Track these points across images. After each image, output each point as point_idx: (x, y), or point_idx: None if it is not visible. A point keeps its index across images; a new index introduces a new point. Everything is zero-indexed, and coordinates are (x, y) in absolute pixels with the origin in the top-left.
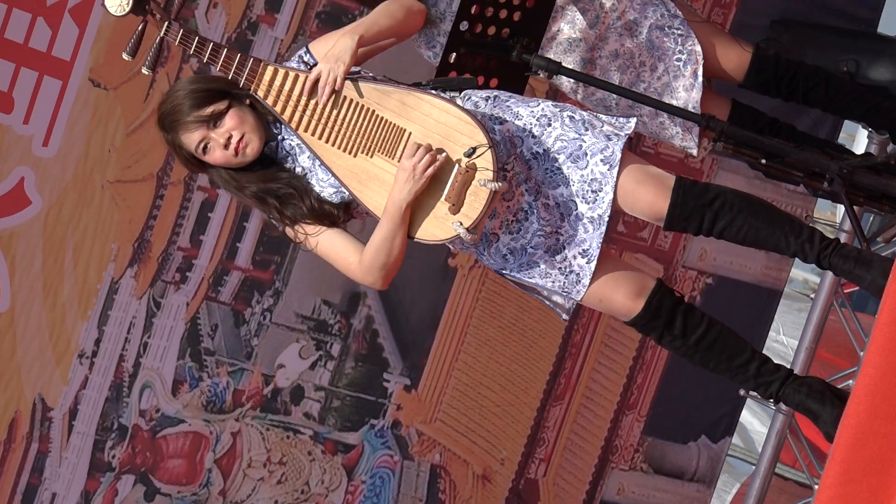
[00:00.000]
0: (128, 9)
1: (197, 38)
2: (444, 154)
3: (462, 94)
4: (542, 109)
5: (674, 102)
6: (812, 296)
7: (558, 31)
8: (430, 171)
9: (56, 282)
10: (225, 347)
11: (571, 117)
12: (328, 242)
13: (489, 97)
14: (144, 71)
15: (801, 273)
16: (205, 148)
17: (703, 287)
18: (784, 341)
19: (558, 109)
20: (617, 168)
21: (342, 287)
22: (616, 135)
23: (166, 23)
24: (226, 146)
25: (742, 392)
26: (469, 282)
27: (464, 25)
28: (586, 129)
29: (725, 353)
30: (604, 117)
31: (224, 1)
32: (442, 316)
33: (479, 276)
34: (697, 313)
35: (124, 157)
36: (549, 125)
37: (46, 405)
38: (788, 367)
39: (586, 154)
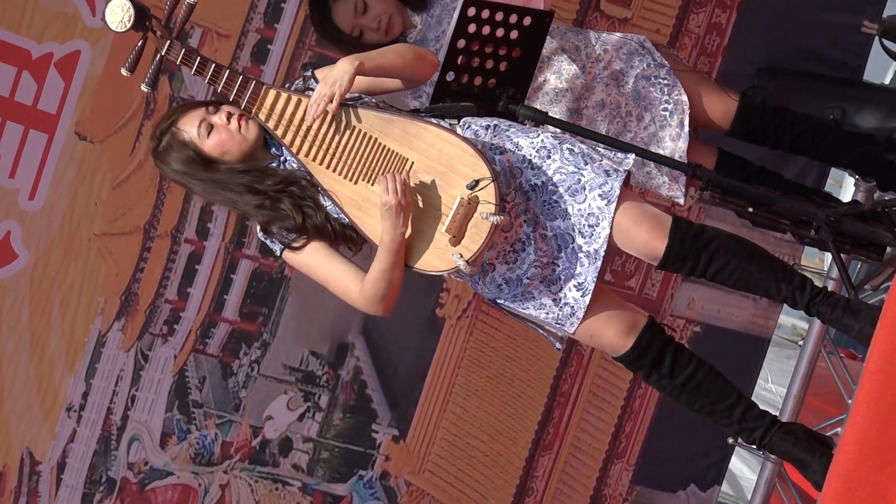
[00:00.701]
0: (129, 25)
1: (199, 57)
2: (409, 168)
3: (461, 121)
4: (542, 141)
5: (660, 152)
6: (800, 342)
7: (545, 81)
8: (408, 195)
9: (43, 335)
10: (213, 399)
11: (571, 150)
12: (330, 269)
13: (489, 126)
14: (143, 88)
15: (790, 319)
16: (209, 129)
17: (690, 335)
18: (773, 389)
19: (558, 142)
20: (615, 204)
21: (330, 338)
22: (615, 170)
23: (168, 41)
24: (228, 121)
25: (731, 440)
26: (456, 332)
27: (450, 76)
28: (585, 164)
29: (711, 396)
30: (602, 150)
31: (210, 53)
32: (430, 366)
33: (467, 326)
34: (686, 354)
35: (111, 210)
36: (549, 157)
37: (35, 459)
38: (776, 414)
39: (584, 188)
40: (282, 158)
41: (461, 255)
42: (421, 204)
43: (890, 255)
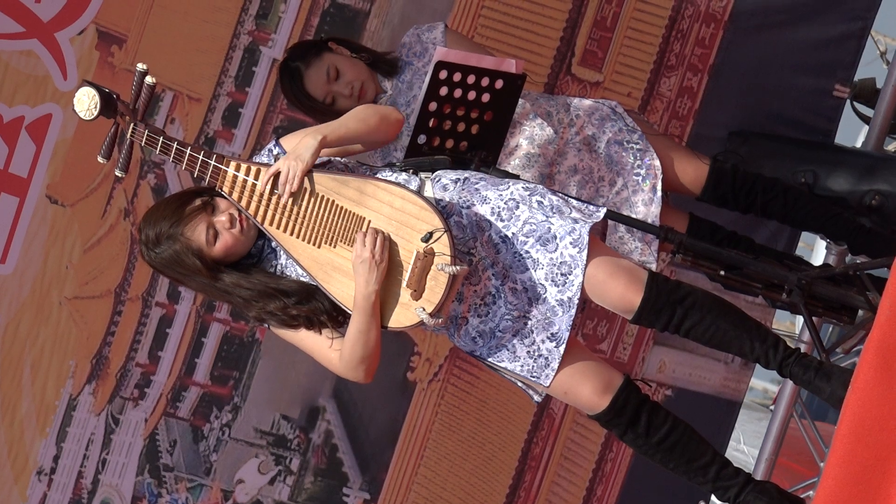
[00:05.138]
0: (96, 112)
1: (162, 138)
2: (387, 234)
3: (434, 174)
4: (512, 193)
5: (633, 217)
6: (771, 406)
7: (517, 146)
8: (385, 252)
9: (14, 399)
10: (184, 463)
11: (540, 202)
12: (313, 337)
13: (458, 179)
14: (118, 173)
15: (761, 383)
16: (215, 236)
17: (662, 399)
18: (745, 450)
19: (528, 193)
20: (586, 251)
21: (301, 402)
22: (584, 221)
23: (132, 125)
24: (231, 225)
25: (702, 503)
26: (428, 396)
27: (421, 139)
28: (553, 213)
29: (686, 455)
30: (574, 203)
31: (181, 116)
32: (401, 430)
33: (438, 390)
34: (662, 413)
35: (82, 274)
36: (517, 208)
37: None
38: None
39: (556, 237)
40: (268, 237)
41: (424, 309)
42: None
43: (862, 318)
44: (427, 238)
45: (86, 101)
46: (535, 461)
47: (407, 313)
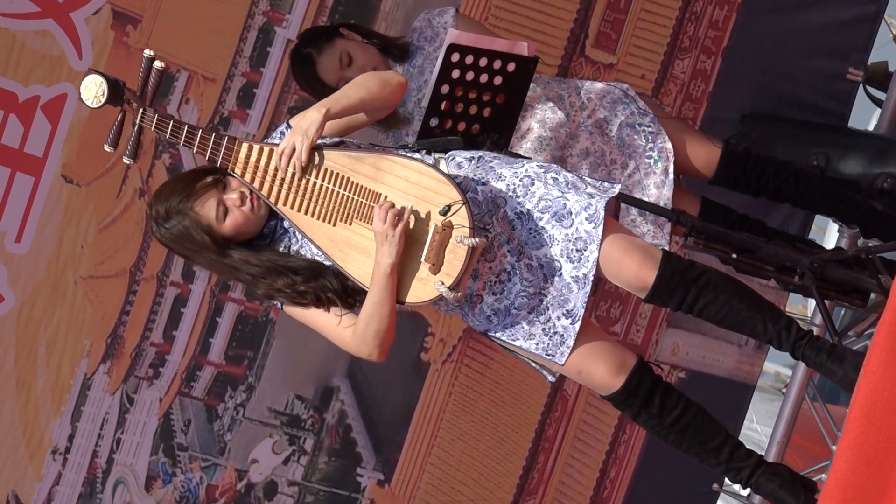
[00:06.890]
0: (103, 100)
1: (172, 122)
2: (409, 206)
3: (447, 154)
4: (527, 171)
5: (645, 200)
6: (783, 389)
7: (529, 129)
8: (401, 226)
9: (29, 378)
10: (198, 443)
11: (555, 178)
12: (325, 315)
13: (473, 158)
14: (126, 160)
15: (773, 366)
16: (225, 212)
17: (675, 381)
18: (758, 429)
19: (542, 171)
20: (601, 226)
21: (315, 382)
22: (599, 195)
23: (141, 110)
24: (241, 202)
25: (715, 486)
26: (442, 376)
27: (434, 122)
28: (569, 189)
29: (699, 437)
30: (589, 180)
31: (196, 96)
32: (415, 410)
33: (452, 370)
34: (675, 394)
35: (97, 253)
36: (532, 184)
37: (20, 501)
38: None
39: (571, 213)
40: (280, 216)
41: (443, 283)
42: None
43: (874, 301)
44: (445, 211)
45: (93, 89)
46: (549, 442)
47: (425, 288)
